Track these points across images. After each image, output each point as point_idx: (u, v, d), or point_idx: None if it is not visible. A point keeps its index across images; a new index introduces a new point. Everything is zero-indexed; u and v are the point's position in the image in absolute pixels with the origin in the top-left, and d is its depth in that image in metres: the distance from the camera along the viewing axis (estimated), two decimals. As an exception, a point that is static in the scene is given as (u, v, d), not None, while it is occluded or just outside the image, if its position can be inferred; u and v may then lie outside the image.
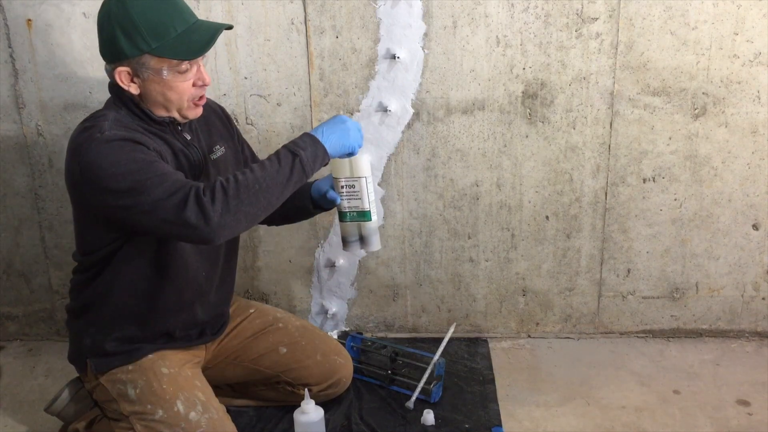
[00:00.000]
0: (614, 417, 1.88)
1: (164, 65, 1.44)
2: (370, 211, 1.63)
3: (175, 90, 1.47)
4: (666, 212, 2.13)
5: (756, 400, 1.93)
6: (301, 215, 1.79)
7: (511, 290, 2.24)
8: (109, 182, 1.39)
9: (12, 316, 2.34)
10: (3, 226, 2.23)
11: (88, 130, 1.44)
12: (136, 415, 1.57)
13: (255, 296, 2.29)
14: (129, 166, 1.38)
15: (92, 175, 1.40)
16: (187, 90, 1.48)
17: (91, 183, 1.41)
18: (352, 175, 1.61)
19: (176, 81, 1.46)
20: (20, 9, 2.00)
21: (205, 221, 1.35)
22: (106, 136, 1.40)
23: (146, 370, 1.60)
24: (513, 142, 2.08)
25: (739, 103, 2.02)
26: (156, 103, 1.49)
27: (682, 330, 2.26)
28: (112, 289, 1.58)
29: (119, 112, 1.49)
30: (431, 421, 1.84)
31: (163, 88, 1.46)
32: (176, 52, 1.43)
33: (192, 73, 1.47)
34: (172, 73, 1.45)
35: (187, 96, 1.49)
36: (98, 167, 1.39)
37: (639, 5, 1.94)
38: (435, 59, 2.00)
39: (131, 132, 1.45)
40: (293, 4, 1.97)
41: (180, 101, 1.49)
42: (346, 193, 1.63)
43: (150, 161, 1.40)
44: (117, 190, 1.38)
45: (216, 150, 1.65)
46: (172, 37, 1.43)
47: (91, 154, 1.40)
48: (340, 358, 1.88)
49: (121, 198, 1.39)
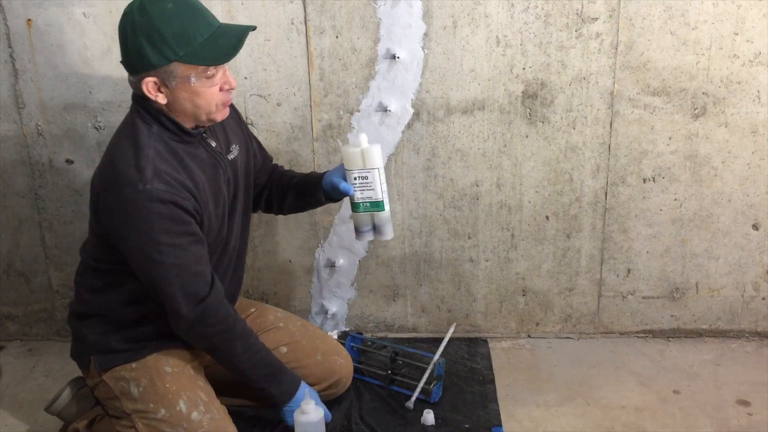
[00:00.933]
0: (614, 417, 1.88)
1: (192, 72, 1.43)
2: (383, 201, 1.66)
3: (204, 96, 1.47)
4: (666, 212, 2.13)
5: (756, 400, 1.93)
6: (311, 206, 1.85)
7: (511, 290, 2.24)
8: (135, 238, 1.45)
9: (12, 316, 2.34)
10: (3, 226, 2.23)
11: (131, 169, 1.44)
12: (138, 414, 1.57)
13: (255, 296, 2.29)
14: (159, 236, 1.44)
15: (122, 223, 1.45)
16: (215, 95, 1.48)
17: (117, 228, 1.46)
18: (365, 166, 1.63)
19: (204, 87, 1.46)
20: (20, 9, 2.00)
21: (188, 328, 1.53)
22: (147, 191, 1.42)
23: (150, 368, 1.60)
24: (513, 142, 2.08)
25: (739, 103, 2.02)
26: (184, 112, 1.49)
27: (682, 330, 2.26)
28: (125, 296, 1.59)
29: (151, 129, 1.49)
30: (431, 421, 1.84)
31: (191, 95, 1.46)
32: (204, 58, 1.43)
33: (218, 77, 1.47)
34: (200, 79, 1.44)
35: (216, 101, 1.49)
36: (130, 221, 1.44)
37: (639, 5, 1.94)
38: (435, 59, 2.00)
39: (172, 187, 1.45)
40: (293, 4, 1.97)
41: (209, 107, 1.49)
42: (359, 184, 1.65)
43: (182, 234, 1.47)
44: (140, 250, 1.45)
45: (233, 149, 1.67)
46: (198, 43, 1.42)
47: (127, 203, 1.43)
48: (340, 358, 1.88)
49: (140, 258, 1.47)
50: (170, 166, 1.48)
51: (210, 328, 1.54)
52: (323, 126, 2.09)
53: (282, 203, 1.84)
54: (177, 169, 1.49)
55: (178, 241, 1.46)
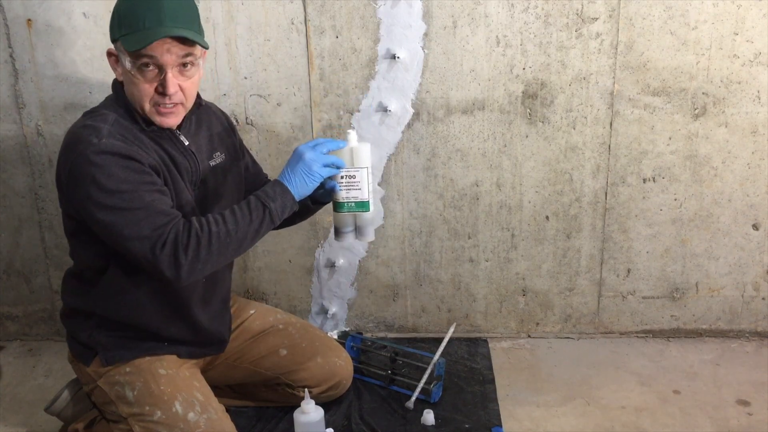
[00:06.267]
0: (614, 417, 1.88)
1: (128, 57, 1.43)
2: (368, 202, 1.59)
3: (136, 86, 1.45)
4: (666, 212, 2.13)
5: (756, 400, 1.93)
6: (301, 216, 1.74)
7: (511, 290, 2.24)
8: (96, 193, 1.40)
9: (12, 316, 2.34)
10: (3, 226, 2.23)
11: (87, 129, 1.44)
12: (134, 417, 1.57)
13: (255, 296, 2.29)
14: (120, 185, 1.40)
15: (81, 179, 1.41)
16: (147, 91, 1.45)
17: (77, 187, 1.42)
18: (353, 165, 1.57)
19: (137, 77, 1.44)
20: (20, 9, 2.00)
21: (175, 268, 1.40)
22: (103, 144, 1.41)
23: (144, 371, 1.59)
24: (513, 142, 2.08)
25: (739, 103, 2.02)
26: (130, 96, 1.49)
27: (682, 330, 2.26)
28: (108, 299, 1.58)
29: (118, 111, 1.49)
30: (431, 421, 1.84)
31: (128, 81, 1.47)
32: (129, 43, 1.41)
33: (152, 74, 1.44)
34: (135, 68, 1.44)
35: (147, 97, 1.46)
36: (89, 175, 1.40)
37: (639, 5, 1.94)
38: (435, 59, 2.00)
39: (128, 143, 1.44)
40: (293, 4, 1.97)
41: (141, 100, 1.46)
42: (345, 183, 1.58)
43: (142, 183, 1.41)
44: (102, 203, 1.40)
45: (216, 156, 1.65)
46: (138, 30, 1.41)
47: (84, 158, 1.40)
48: (340, 360, 1.88)
49: (104, 212, 1.41)
50: (129, 133, 1.47)
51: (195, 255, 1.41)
52: (323, 126, 2.09)
53: None
54: (134, 141, 1.47)
55: (134, 177, 1.41)
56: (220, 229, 1.42)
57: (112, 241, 1.45)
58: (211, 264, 1.44)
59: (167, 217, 1.42)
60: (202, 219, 1.45)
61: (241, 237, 1.45)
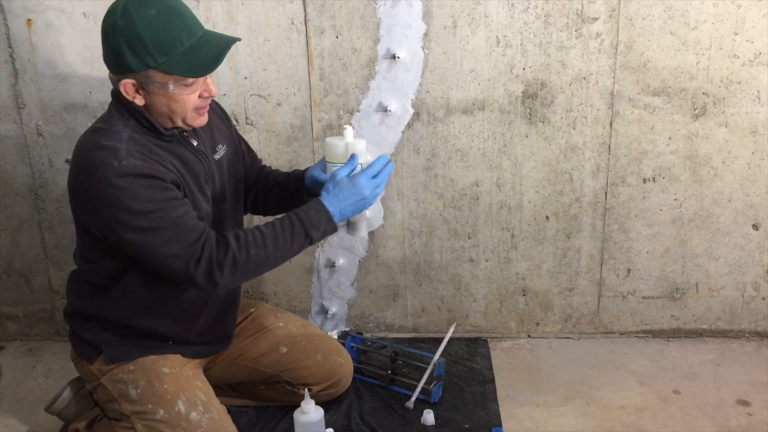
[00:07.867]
0: (614, 417, 1.88)
1: (170, 80, 1.41)
2: None
3: (180, 102, 1.45)
4: (666, 212, 2.13)
5: (756, 400, 1.93)
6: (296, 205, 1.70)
7: (511, 290, 2.24)
8: (123, 215, 1.40)
9: (12, 316, 2.34)
10: (3, 226, 2.23)
11: (104, 150, 1.41)
12: (137, 415, 1.57)
13: (255, 296, 2.29)
14: (146, 206, 1.40)
15: (106, 203, 1.40)
16: (193, 101, 1.46)
17: (102, 210, 1.42)
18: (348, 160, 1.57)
19: (182, 94, 1.44)
20: (20, 9, 2.00)
21: (211, 283, 1.45)
22: (124, 167, 1.39)
23: (147, 369, 1.60)
24: (513, 142, 2.08)
25: (739, 103, 2.02)
26: (161, 114, 1.47)
27: (682, 330, 2.26)
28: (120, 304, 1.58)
29: (127, 123, 1.47)
30: (431, 421, 1.84)
31: (168, 100, 1.44)
32: (183, 69, 1.40)
33: (198, 84, 1.45)
34: (178, 86, 1.43)
35: (192, 107, 1.47)
36: (114, 198, 1.39)
37: (639, 5, 1.94)
38: (435, 59, 2.00)
39: (147, 161, 1.43)
40: (293, 4, 1.97)
41: (184, 112, 1.47)
42: None
43: (166, 200, 1.42)
44: (130, 225, 1.41)
45: (219, 149, 1.65)
46: (179, 52, 1.39)
47: (107, 182, 1.39)
48: (340, 358, 1.88)
49: (132, 233, 1.42)
50: (146, 149, 1.45)
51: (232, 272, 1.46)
52: (323, 126, 2.09)
53: (267, 202, 1.80)
54: (152, 158, 1.46)
55: (160, 196, 1.42)
56: (259, 253, 1.48)
57: (143, 259, 1.47)
58: (247, 279, 1.55)
59: (196, 233, 1.44)
60: (240, 236, 1.47)
61: (279, 260, 1.54)
